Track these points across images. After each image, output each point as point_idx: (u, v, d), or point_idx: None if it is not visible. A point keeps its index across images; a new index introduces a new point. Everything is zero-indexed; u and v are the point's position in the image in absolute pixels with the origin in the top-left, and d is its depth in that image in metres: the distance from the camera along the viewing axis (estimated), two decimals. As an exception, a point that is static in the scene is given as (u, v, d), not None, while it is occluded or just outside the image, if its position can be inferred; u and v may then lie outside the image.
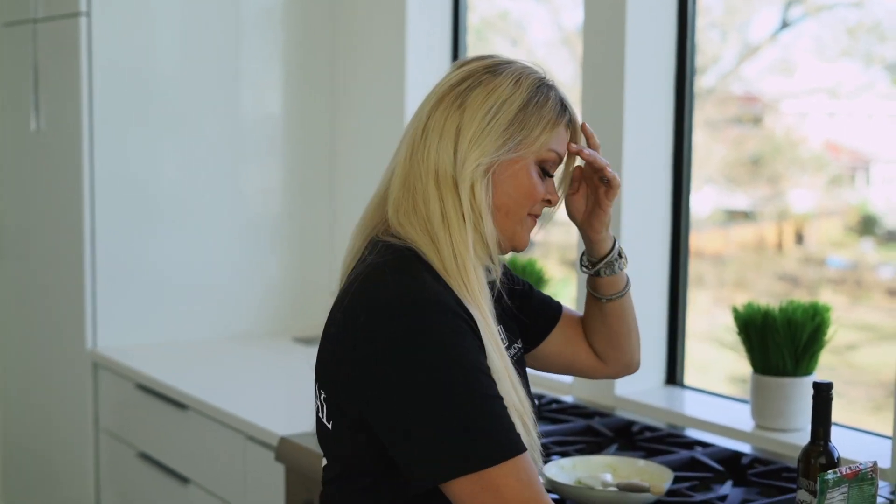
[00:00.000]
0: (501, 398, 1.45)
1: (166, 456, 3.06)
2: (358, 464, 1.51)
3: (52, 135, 3.51)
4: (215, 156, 3.56)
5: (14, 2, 3.73)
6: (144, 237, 3.46)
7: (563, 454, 2.30)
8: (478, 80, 1.56)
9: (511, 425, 1.44)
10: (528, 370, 1.79)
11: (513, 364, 1.55)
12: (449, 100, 1.56)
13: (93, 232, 3.37)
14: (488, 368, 1.46)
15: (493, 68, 1.58)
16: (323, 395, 1.53)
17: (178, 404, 2.96)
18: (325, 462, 1.60)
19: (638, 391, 2.80)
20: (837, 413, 3.03)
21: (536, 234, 1.65)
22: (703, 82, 3.72)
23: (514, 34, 3.80)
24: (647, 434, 2.47)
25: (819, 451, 1.77)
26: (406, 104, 3.44)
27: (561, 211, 1.69)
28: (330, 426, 1.53)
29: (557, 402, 2.75)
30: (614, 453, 2.33)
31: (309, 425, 2.52)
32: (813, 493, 1.79)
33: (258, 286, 3.67)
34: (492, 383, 1.45)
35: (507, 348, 1.65)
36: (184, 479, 2.98)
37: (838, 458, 1.81)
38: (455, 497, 1.42)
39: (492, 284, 1.57)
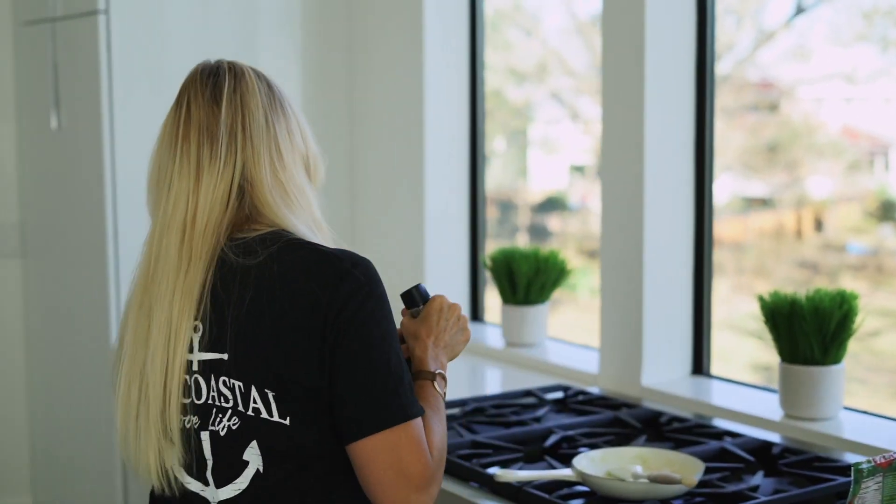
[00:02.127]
0: None
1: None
2: (315, 453, 1.62)
3: (73, 133, 3.52)
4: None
5: (32, 1, 3.73)
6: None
7: (592, 446, 2.30)
8: (268, 85, 1.85)
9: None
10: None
11: None
12: (277, 108, 1.79)
13: (115, 230, 3.37)
14: None
15: (258, 71, 1.88)
16: (272, 395, 1.60)
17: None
18: (257, 466, 1.64)
19: (664, 381, 2.80)
20: (861, 399, 3.03)
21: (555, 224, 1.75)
22: (718, 69, 3.72)
23: (528, 25, 3.80)
24: (676, 425, 2.47)
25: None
26: (425, 97, 3.44)
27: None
28: (287, 421, 1.60)
29: (584, 393, 2.75)
30: (643, 444, 2.34)
31: None
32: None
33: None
34: None
35: None
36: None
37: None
38: (380, 446, 1.58)
39: None
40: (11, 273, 3.99)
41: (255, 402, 1.61)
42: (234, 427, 1.63)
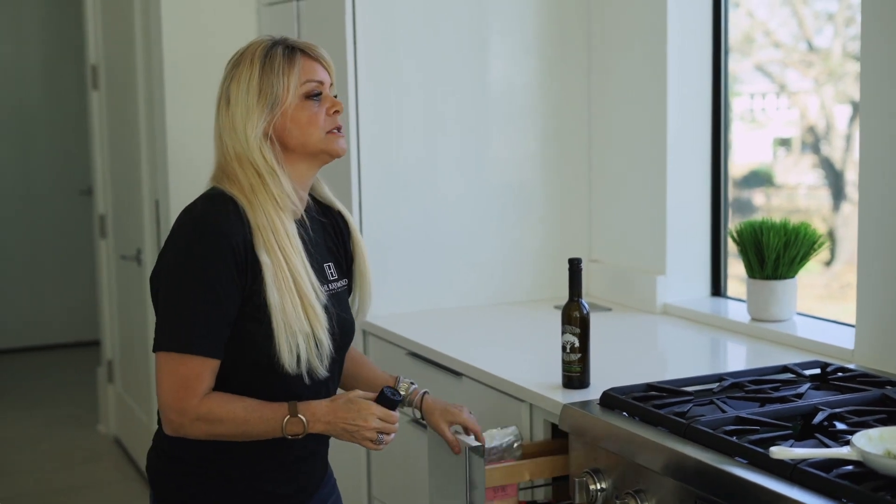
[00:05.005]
0: (215, 310, 2.04)
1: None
2: None
3: (318, 110, 3.59)
4: (466, 125, 3.59)
5: (274, -18, 3.84)
6: (403, 207, 3.53)
7: (862, 424, 2.23)
8: (229, 75, 2.14)
9: (203, 331, 2.03)
10: None
11: (331, 295, 2.20)
12: (223, 101, 2.14)
13: (360, 204, 3.45)
14: (228, 286, 2.05)
15: (234, 60, 2.15)
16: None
17: (453, 372, 3.01)
18: None
19: (928, 359, 2.70)
20: None
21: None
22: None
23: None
24: (948, 404, 2.37)
25: (575, 305, 2.55)
26: (668, 70, 3.39)
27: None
28: None
29: (843, 370, 2.67)
30: (917, 424, 2.25)
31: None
32: (575, 334, 2.55)
33: (518, 254, 3.70)
34: (217, 298, 2.04)
35: (334, 281, 2.26)
36: (459, 445, 3.01)
37: (588, 311, 2.56)
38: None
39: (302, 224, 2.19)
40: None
41: None
42: None
